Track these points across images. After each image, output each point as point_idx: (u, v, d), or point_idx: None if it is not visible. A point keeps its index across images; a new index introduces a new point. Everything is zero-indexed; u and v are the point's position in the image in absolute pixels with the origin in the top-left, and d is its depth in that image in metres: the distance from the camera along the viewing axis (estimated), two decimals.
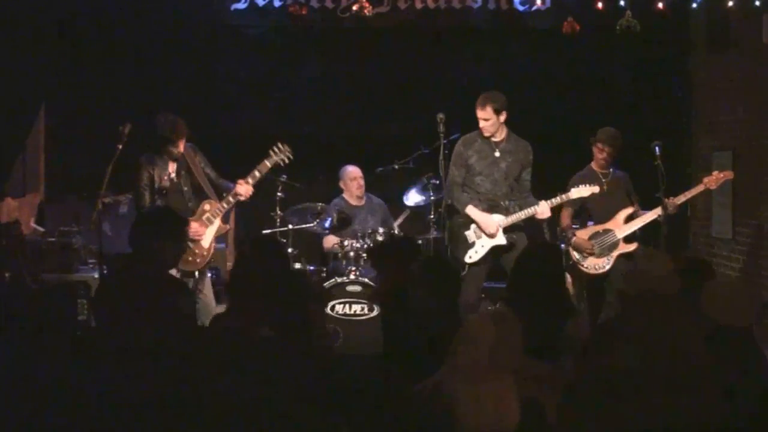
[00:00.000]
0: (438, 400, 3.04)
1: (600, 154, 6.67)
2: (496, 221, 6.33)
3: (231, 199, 6.31)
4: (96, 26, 8.11)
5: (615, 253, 6.54)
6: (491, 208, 6.39)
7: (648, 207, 6.59)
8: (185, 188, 6.30)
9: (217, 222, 6.30)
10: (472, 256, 6.34)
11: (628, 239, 6.56)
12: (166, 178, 6.25)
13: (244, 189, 6.28)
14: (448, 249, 6.48)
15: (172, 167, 6.30)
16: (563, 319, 3.75)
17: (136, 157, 6.26)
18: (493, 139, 6.42)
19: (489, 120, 6.31)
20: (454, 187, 6.43)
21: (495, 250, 6.35)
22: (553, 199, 6.43)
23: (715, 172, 6.66)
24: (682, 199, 6.51)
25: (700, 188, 6.59)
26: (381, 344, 5.21)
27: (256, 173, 6.32)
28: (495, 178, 6.40)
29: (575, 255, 6.64)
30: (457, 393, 3.02)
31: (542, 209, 6.35)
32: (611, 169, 6.72)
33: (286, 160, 6.42)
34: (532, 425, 3.01)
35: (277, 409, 3.24)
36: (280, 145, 6.42)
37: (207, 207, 6.32)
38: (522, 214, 6.36)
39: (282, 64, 8.59)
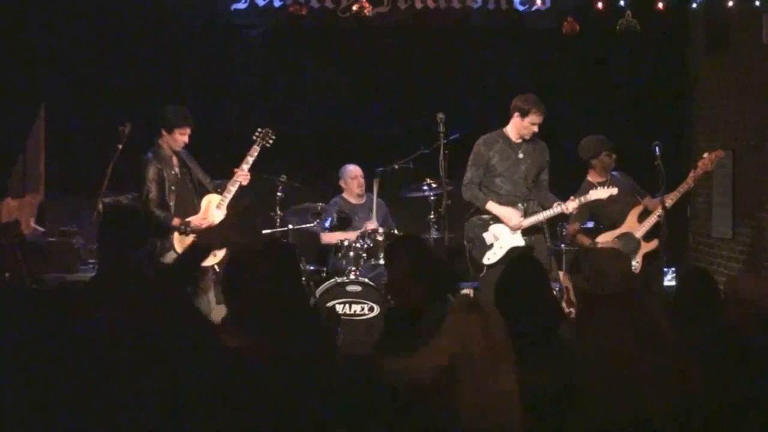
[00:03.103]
0: (438, 397, 3.04)
1: (609, 163, 6.62)
2: (518, 213, 6.31)
3: (231, 187, 6.38)
4: (96, 26, 8.11)
5: (640, 254, 6.49)
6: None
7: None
8: (190, 185, 6.37)
9: (222, 213, 6.33)
10: (490, 257, 6.34)
11: (647, 237, 6.51)
12: (173, 173, 6.30)
13: (244, 176, 6.38)
14: (466, 250, 6.47)
15: (175, 162, 6.35)
16: (554, 324, 3.75)
17: (140, 156, 6.28)
18: (516, 140, 6.41)
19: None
20: (472, 186, 6.40)
21: (514, 252, 6.34)
22: (581, 198, 6.33)
23: (706, 154, 6.59)
24: (684, 187, 6.45)
25: (698, 173, 6.52)
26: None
27: (249, 158, 6.46)
28: (515, 180, 6.39)
29: None
30: (460, 389, 3.01)
31: (570, 207, 6.30)
32: (608, 176, 6.68)
33: (271, 142, 6.52)
34: (537, 410, 3.03)
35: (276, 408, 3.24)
36: (261, 129, 6.53)
37: (208, 201, 6.37)
38: (541, 216, 6.34)
39: (282, 64, 8.59)
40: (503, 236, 6.33)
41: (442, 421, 2.99)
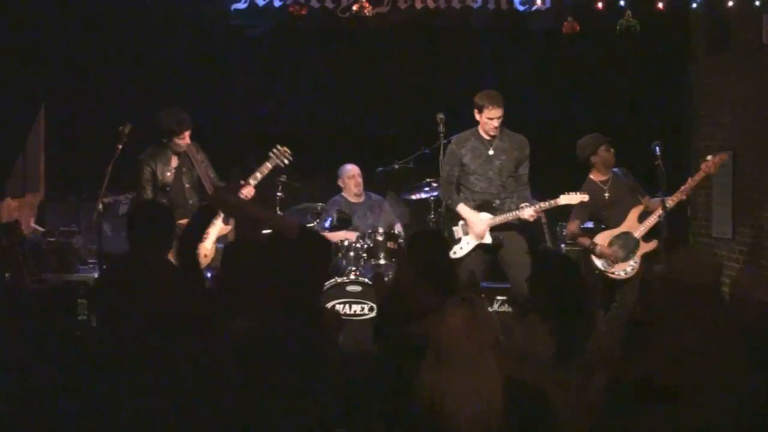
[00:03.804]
0: (424, 393, 3.04)
1: (609, 158, 6.60)
2: (484, 220, 6.34)
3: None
4: (96, 26, 8.11)
5: (638, 254, 6.46)
6: (482, 206, 6.39)
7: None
8: (187, 185, 6.34)
9: (219, 223, 6.32)
10: (457, 251, 6.39)
11: (646, 238, 6.49)
12: (168, 174, 6.27)
13: (246, 190, 6.32)
14: None
15: (174, 162, 6.32)
16: (587, 322, 3.83)
17: (138, 153, 6.28)
18: (487, 137, 6.41)
19: (501, 118, 6.32)
20: (448, 185, 6.45)
21: (484, 248, 6.38)
22: (541, 203, 6.37)
23: (710, 157, 6.58)
24: (686, 189, 6.44)
25: (700, 175, 6.53)
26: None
27: (258, 175, 6.37)
28: (489, 177, 6.41)
29: (600, 264, 6.52)
30: (440, 383, 3.01)
31: (526, 214, 6.32)
32: (610, 173, 6.66)
33: (286, 162, 6.47)
34: (528, 407, 3.02)
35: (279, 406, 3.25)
36: (279, 147, 6.46)
37: None
38: (509, 216, 6.36)
39: (282, 64, 8.59)
40: (472, 233, 6.39)
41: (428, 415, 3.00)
